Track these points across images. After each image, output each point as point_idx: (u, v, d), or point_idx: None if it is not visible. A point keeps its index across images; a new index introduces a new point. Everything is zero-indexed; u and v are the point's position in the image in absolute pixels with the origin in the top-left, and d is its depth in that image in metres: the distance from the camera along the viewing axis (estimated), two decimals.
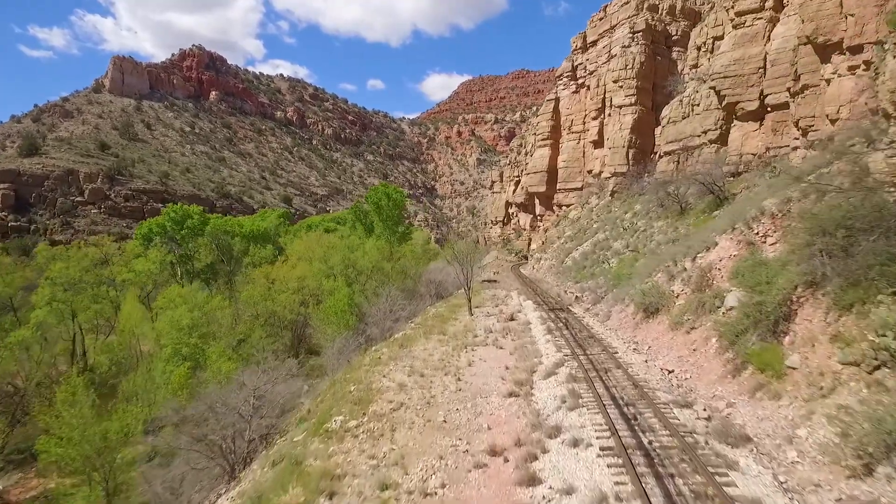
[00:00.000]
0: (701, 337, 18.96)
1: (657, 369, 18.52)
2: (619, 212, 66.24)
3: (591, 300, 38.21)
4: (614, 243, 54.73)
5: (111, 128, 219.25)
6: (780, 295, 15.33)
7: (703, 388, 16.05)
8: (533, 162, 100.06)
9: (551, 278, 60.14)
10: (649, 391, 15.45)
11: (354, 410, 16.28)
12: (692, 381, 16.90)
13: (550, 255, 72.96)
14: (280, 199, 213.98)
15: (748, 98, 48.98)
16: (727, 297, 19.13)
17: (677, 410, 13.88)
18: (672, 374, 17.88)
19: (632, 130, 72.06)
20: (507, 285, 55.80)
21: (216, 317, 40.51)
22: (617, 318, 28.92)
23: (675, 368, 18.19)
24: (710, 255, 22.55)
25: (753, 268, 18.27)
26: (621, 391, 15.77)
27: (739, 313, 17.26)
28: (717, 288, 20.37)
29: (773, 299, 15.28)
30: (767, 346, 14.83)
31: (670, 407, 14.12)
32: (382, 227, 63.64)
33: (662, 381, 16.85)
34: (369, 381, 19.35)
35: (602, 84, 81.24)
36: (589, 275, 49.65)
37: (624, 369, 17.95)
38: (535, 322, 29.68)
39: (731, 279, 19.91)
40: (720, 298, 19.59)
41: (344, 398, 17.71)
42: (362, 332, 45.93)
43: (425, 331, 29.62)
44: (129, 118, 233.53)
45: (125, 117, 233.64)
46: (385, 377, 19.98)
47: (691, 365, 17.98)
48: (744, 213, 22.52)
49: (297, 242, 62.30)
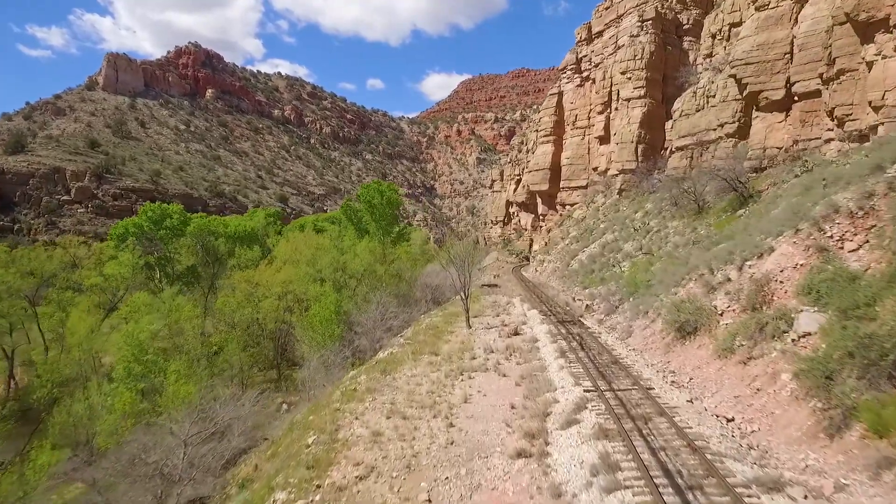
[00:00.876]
0: (765, 372, 14.56)
1: (711, 416, 14.09)
2: (628, 211, 61.82)
3: (603, 310, 33.83)
4: (625, 245, 50.35)
5: (104, 125, 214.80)
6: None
7: (786, 451, 11.65)
8: (535, 159, 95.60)
9: (556, 282, 55.73)
10: (715, 458, 11.05)
11: (306, 481, 11.84)
12: (764, 437, 12.51)
13: (554, 256, 68.55)
14: (276, 199, 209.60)
15: (773, 86, 44.55)
16: (799, 320, 14.74)
17: (766, 498, 9.47)
18: (733, 423, 13.49)
19: (641, 125, 67.62)
20: (509, 290, 51.39)
21: (183, 328, 36.17)
22: (641, 335, 24.51)
23: (736, 415, 13.78)
24: (765, 263, 18.14)
25: (837, 282, 13.89)
26: (675, 458, 11.35)
27: (826, 344, 12.88)
28: (781, 306, 15.97)
29: (889, 331, 10.90)
30: (886, 398, 10.47)
31: (753, 489, 9.75)
32: (376, 228, 59.26)
33: (725, 439, 12.41)
34: (335, 428, 14.96)
35: (609, 76, 76.80)
36: (598, 280, 45.26)
37: (668, 417, 13.53)
38: (544, 338, 25.29)
39: (800, 295, 15.52)
40: (787, 320, 15.20)
41: (297, 457, 13.32)
42: (350, 342, 41.59)
43: (415, 349, 25.21)
44: (122, 116, 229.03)
45: (118, 115, 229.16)
46: (357, 420, 15.61)
47: (757, 411, 13.57)
48: (807, 211, 18.11)
49: (283, 244, 57.91)
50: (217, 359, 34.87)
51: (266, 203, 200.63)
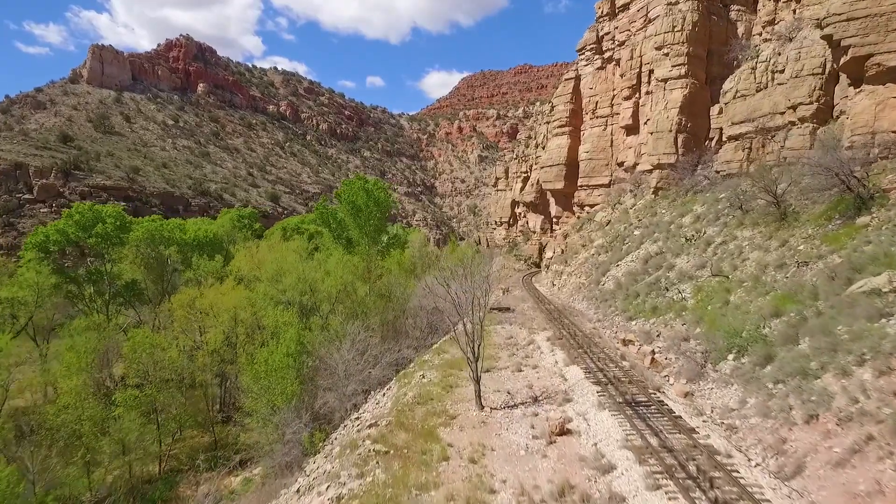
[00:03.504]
0: None
1: None
2: (670, 215, 50.37)
3: (683, 371, 22.40)
4: (677, 260, 38.94)
5: (86, 120, 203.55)
6: None
7: None
8: (548, 154, 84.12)
9: (585, 306, 44.33)
10: None
11: None
12: None
13: (577, 269, 57.14)
14: (267, 198, 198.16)
15: (888, 48, 33.04)
16: None
17: None
18: None
19: (681, 110, 56.16)
20: (527, 318, 39.96)
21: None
22: (827, 478, 13.18)
23: None
24: None
25: None
26: None
27: None
28: None
29: None
30: None
31: None
32: (360, 236, 47.81)
33: None
34: None
35: (638, 55, 65.35)
36: (649, 309, 33.86)
37: None
38: (622, 459, 14.02)
39: None
40: None
41: None
42: (312, 400, 30.47)
43: (387, 478, 13.92)
44: (105, 110, 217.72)
45: (102, 109, 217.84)
46: None
47: None
48: None
49: (242, 255, 46.44)
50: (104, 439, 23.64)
51: (255, 202, 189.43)
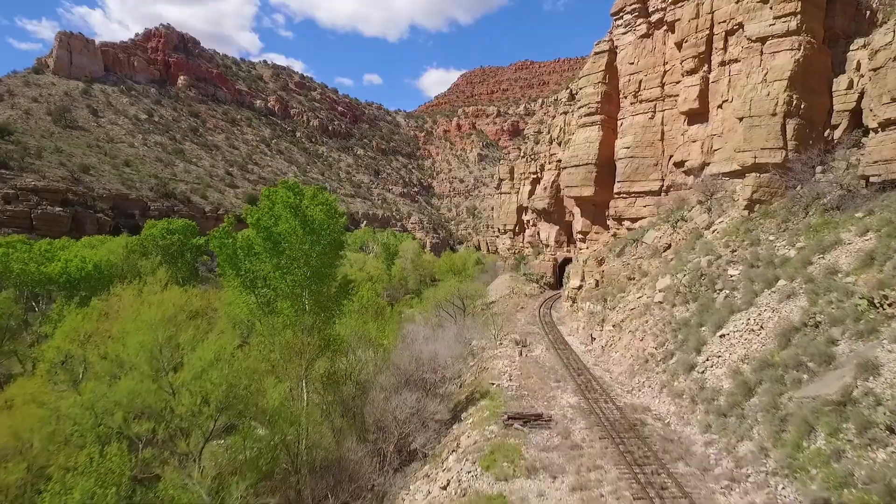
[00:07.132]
0: None
1: None
2: (791, 246, 31.30)
3: None
4: (863, 347, 19.99)
5: (45, 113, 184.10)
6: None
7: None
8: (572, 150, 65.09)
9: (674, 412, 25.31)
10: None
11: None
12: None
13: (631, 319, 38.17)
14: (245, 199, 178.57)
15: None
16: None
17: None
18: None
19: (790, 83, 37.35)
20: (577, 448, 20.95)
21: None
22: None
23: None
24: None
25: None
26: None
27: None
28: None
29: None
30: None
31: None
32: (287, 285, 28.13)
33: None
34: None
35: (707, 11, 46.51)
36: (844, 476, 15.01)
37: None
38: None
39: None
40: None
41: None
42: None
43: None
44: (70, 102, 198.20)
45: (66, 102, 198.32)
46: None
47: None
48: None
49: (72, 318, 27.35)
50: None
51: (231, 205, 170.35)
